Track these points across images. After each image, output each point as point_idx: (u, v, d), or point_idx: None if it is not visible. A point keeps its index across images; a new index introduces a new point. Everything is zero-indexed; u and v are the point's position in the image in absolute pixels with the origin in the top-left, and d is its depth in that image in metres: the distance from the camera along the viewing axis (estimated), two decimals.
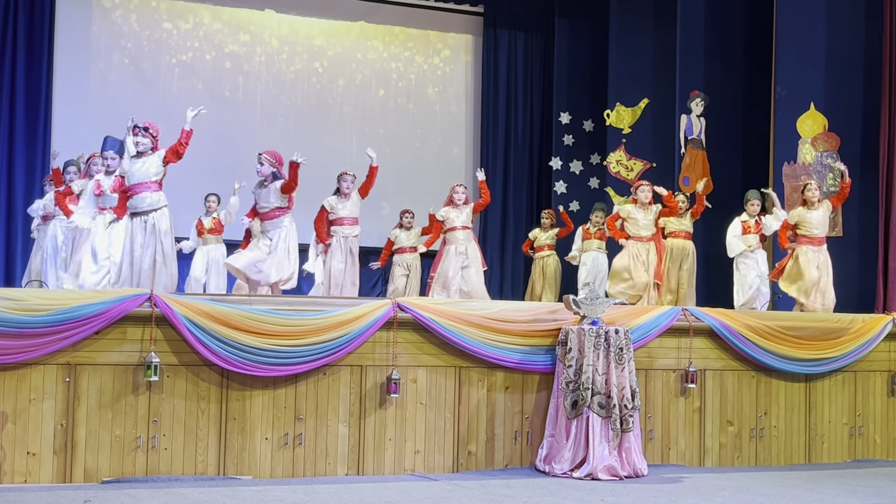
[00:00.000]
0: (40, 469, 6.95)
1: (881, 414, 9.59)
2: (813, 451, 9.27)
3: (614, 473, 7.79)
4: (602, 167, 15.01)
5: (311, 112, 15.52)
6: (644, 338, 8.58)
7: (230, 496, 6.62)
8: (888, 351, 9.62)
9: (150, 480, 7.07)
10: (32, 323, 6.87)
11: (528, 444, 8.24)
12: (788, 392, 9.21)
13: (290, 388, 7.56)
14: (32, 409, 6.96)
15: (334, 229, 10.37)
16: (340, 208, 10.37)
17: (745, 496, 7.22)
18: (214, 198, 12.27)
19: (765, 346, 9.00)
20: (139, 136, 8.33)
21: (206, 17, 15.10)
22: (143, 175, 8.37)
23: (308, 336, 7.51)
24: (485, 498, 6.83)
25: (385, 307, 7.84)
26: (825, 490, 7.62)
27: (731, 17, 13.60)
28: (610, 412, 7.87)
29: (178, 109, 14.58)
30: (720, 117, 13.39)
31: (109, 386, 7.12)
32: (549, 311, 8.51)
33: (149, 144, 8.38)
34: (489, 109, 16.34)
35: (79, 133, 13.37)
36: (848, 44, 11.94)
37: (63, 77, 14.27)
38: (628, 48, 14.62)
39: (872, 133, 11.47)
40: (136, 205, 8.39)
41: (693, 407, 8.83)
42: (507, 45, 16.57)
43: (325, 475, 7.59)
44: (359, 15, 15.87)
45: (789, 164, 12.10)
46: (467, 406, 8.07)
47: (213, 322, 7.27)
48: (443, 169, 16.02)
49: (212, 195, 12.29)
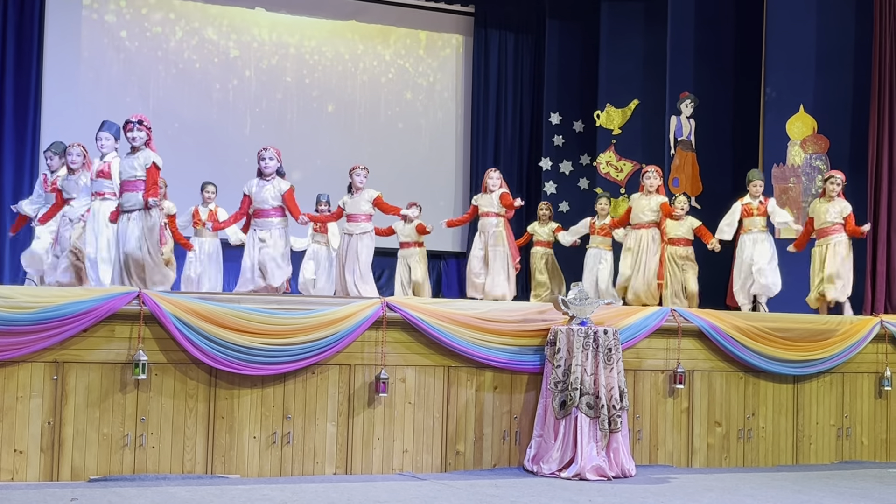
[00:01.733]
0: (27, 467, 6.92)
1: (868, 415, 9.62)
2: (800, 453, 9.29)
3: (602, 474, 7.79)
4: (592, 168, 15.02)
5: (299, 111, 15.50)
6: (633, 338, 8.59)
7: (218, 495, 6.60)
8: (876, 353, 9.64)
9: (137, 479, 7.05)
10: (20, 320, 6.84)
11: (516, 444, 8.24)
12: (776, 393, 9.23)
13: (279, 386, 7.55)
14: (20, 406, 6.94)
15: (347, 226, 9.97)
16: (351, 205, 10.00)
17: (732, 497, 7.24)
18: (212, 187, 11.68)
19: (753, 348, 9.02)
20: (133, 131, 8.05)
21: (195, 14, 15.06)
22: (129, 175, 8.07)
23: (297, 335, 7.50)
24: (473, 498, 6.83)
25: (374, 306, 7.83)
26: (812, 491, 7.64)
27: (720, 19, 13.63)
28: (598, 412, 7.87)
29: (167, 107, 14.64)
30: (710, 119, 13.41)
31: (97, 384, 7.10)
32: (539, 311, 8.52)
33: (144, 137, 8.06)
34: (479, 109, 16.35)
35: (68, 127, 13.30)
36: (837, 46, 11.98)
37: (52, 72, 14.21)
38: (618, 49, 14.64)
39: (861, 135, 11.51)
40: (122, 203, 8.13)
41: (681, 408, 8.85)
42: (498, 46, 16.57)
43: (313, 474, 7.58)
44: (349, 14, 15.86)
45: (778, 165, 12.13)
46: (456, 406, 8.07)
47: (202, 320, 7.25)
48: (432, 169, 16.04)
49: (209, 184, 11.72)
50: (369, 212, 9.97)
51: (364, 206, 9.94)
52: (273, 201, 9.08)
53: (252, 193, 9.14)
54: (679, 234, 10.76)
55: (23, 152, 13.87)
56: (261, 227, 9.12)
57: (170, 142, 14.40)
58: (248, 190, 9.18)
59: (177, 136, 14.47)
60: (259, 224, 9.14)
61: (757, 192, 10.57)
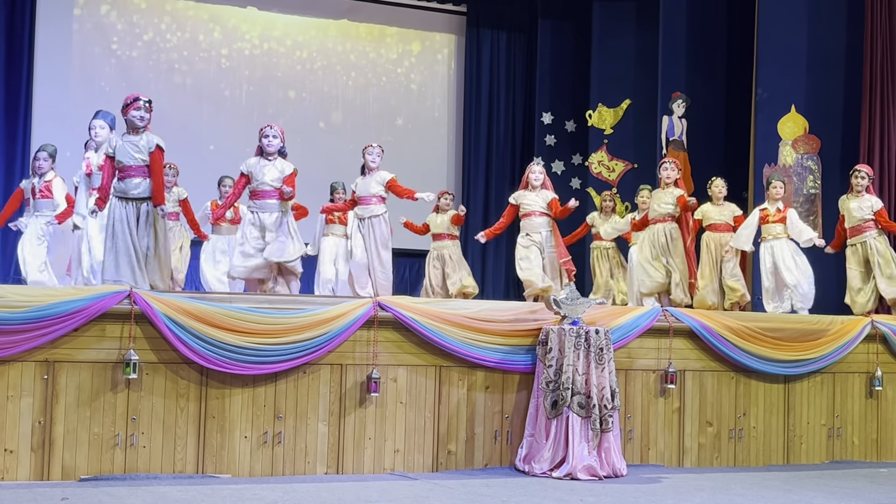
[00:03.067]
0: (17, 466, 6.90)
1: (859, 415, 9.64)
2: (791, 452, 9.30)
3: (593, 473, 7.80)
4: (584, 168, 15.05)
5: (292, 109, 15.49)
6: (624, 338, 8.59)
7: (209, 494, 6.59)
8: (867, 353, 9.66)
9: (128, 478, 7.03)
10: (10, 319, 6.82)
11: (507, 443, 8.24)
12: (767, 393, 9.24)
13: (270, 386, 7.54)
14: (10, 406, 6.91)
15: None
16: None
17: (723, 496, 7.24)
18: (230, 181, 10.82)
19: (744, 347, 9.03)
20: (142, 110, 7.70)
21: (187, 12, 15.05)
22: (132, 158, 7.77)
23: (288, 334, 7.49)
24: (464, 497, 6.82)
25: (365, 306, 7.82)
26: (803, 491, 7.65)
27: (712, 18, 13.66)
28: (590, 412, 7.88)
29: (159, 106, 14.57)
30: (701, 119, 13.44)
31: (88, 383, 7.08)
32: (530, 310, 8.52)
33: (148, 118, 7.79)
34: (471, 109, 16.36)
35: (59, 129, 13.29)
36: (829, 46, 12.01)
37: (44, 71, 14.19)
38: (610, 49, 14.67)
39: (853, 135, 11.54)
40: (125, 189, 7.76)
41: (672, 407, 8.85)
42: (490, 45, 16.59)
43: (304, 474, 7.57)
44: (342, 13, 15.87)
45: (770, 165, 12.15)
46: (447, 405, 8.07)
47: (193, 320, 7.24)
48: (424, 168, 16.04)
49: (227, 178, 11.09)
50: (381, 194, 9.38)
51: (375, 187, 9.35)
52: (274, 183, 8.63)
53: (251, 173, 8.69)
54: (721, 219, 10.20)
55: (13, 153, 13.83)
56: (260, 209, 8.69)
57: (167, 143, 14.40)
58: (247, 169, 8.71)
59: (167, 137, 14.40)
60: (258, 205, 8.69)
61: (777, 194, 10.11)
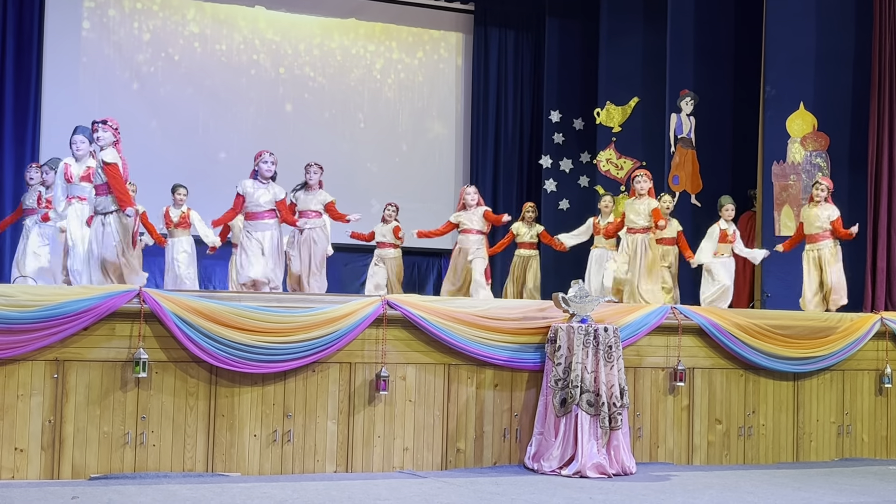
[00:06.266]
0: (28, 465, 6.93)
1: (869, 412, 9.62)
2: (801, 450, 9.29)
3: (603, 471, 7.80)
4: (592, 165, 15.01)
5: (299, 109, 15.48)
6: (633, 336, 8.59)
7: (218, 493, 6.60)
8: (876, 350, 9.64)
9: (138, 477, 7.05)
10: (21, 319, 6.84)
11: (516, 441, 8.24)
12: (776, 390, 9.23)
13: (279, 384, 7.56)
14: (20, 405, 6.94)
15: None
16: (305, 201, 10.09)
17: (732, 494, 7.24)
18: (184, 190, 11.52)
19: (753, 345, 9.02)
20: (98, 132, 8.00)
21: (195, 13, 15.05)
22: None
23: (297, 333, 7.50)
24: (473, 495, 6.83)
25: (374, 304, 7.83)
26: (813, 488, 7.64)
27: (720, 16, 13.61)
28: (599, 410, 7.88)
29: (167, 106, 14.64)
30: (710, 116, 13.40)
31: (97, 382, 7.10)
32: (539, 308, 8.52)
33: (110, 138, 8.00)
34: (479, 107, 16.33)
35: (68, 129, 13.26)
36: (837, 43, 11.96)
37: (52, 71, 14.20)
38: (618, 47, 14.63)
39: (861, 132, 11.50)
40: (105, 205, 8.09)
41: (681, 405, 8.85)
42: (498, 44, 16.56)
43: (313, 472, 7.58)
44: (349, 12, 15.85)
45: (778, 163, 12.12)
46: (456, 403, 8.07)
47: (202, 318, 7.26)
48: (432, 166, 16.04)
49: (181, 186, 11.57)
50: (320, 210, 10.11)
51: (315, 205, 10.05)
52: (268, 205, 9.32)
53: (247, 195, 9.32)
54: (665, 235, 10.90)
55: (23, 154, 13.84)
56: (255, 229, 9.30)
57: (172, 142, 14.43)
58: (243, 190, 9.36)
59: (178, 135, 14.49)
60: (253, 226, 9.32)
61: (728, 216, 10.84)
